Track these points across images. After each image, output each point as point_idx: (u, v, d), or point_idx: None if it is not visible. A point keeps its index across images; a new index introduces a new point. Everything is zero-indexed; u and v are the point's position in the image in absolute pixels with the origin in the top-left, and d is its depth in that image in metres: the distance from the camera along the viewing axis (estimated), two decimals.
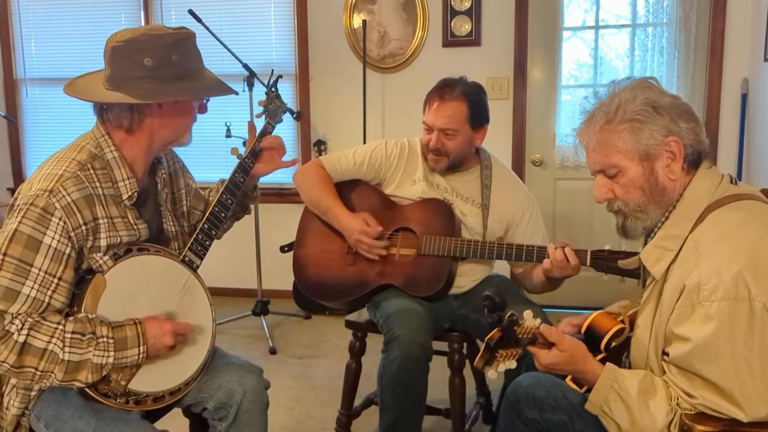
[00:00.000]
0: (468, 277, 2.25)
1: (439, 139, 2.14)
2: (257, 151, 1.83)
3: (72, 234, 1.41)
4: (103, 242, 1.47)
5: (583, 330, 1.52)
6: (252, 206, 1.98)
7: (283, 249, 2.44)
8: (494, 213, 2.22)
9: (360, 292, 2.21)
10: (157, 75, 1.48)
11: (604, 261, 1.91)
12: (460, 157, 2.20)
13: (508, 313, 1.36)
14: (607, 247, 1.93)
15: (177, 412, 1.80)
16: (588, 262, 1.94)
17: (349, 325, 2.34)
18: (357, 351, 2.35)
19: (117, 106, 1.51)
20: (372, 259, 2.17)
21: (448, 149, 2.16)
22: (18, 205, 1.40)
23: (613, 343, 1.47)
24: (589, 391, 1.40)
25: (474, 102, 2.14)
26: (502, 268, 2.39)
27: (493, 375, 1.39)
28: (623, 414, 1.34)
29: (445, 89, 2.14)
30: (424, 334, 2.01)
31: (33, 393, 1.51)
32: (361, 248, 2.17)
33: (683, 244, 1.35)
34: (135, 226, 1.54)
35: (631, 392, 1.34)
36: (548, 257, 1.97)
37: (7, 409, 1.52)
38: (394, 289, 2.17)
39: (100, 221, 1.46)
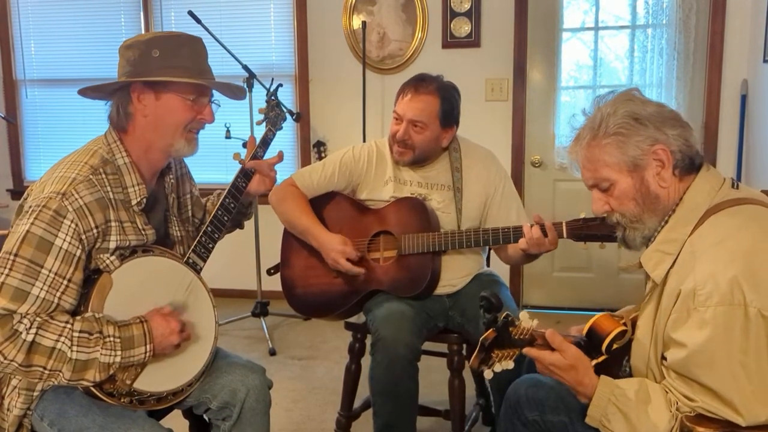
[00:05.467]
0: (457, 271, 2.23)
1: (407, 130, 2.13)
2: (250, 173, 1.81)
3: (83, 236, 1.42)
4: (112, 244, 1.48)
5: (584, 331, 1.51)
6: (245, 222, 1.98)
7: (269, 272, 2.45)
8: (469, 193, 2.21)
9: (350, 302, 2.21)
10: (164, 63, 1.52)
11: (581, 230, 1.89)
12: (425, 153, 2.19)
13: (504, 314, 1.36)
14: (582, 215, 1.90)
15: (177, 413, 1.80)
16: (565, 234, 1.92)
17: (349, 326, 2.34)
18: (356, 352, 2.35)
19: (113, 105, 1.55)
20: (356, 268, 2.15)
21: (414, 143, 2.15)
22: (30, 207, 1.41)
23: (615, 345, 1.47)
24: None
25: (446, 100, 2.14)
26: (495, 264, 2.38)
27: (489, 375, 1.39)
28: (622, 425, 1.34)
29: (420, 82, 2.14)
30: (410, 335, 2.01)
31: (35, 393, 1.51)
32: (339, 268, 2.14)
33: (681, 248, 1.35)
34: (143, 231, 1.55)
35: (629, 403, 1.34)
36: (524, 237, 1.95)
37: (8, 410, 1.52)
38: (385, 292, 2.17)
39: (112, 224, 1.48)
